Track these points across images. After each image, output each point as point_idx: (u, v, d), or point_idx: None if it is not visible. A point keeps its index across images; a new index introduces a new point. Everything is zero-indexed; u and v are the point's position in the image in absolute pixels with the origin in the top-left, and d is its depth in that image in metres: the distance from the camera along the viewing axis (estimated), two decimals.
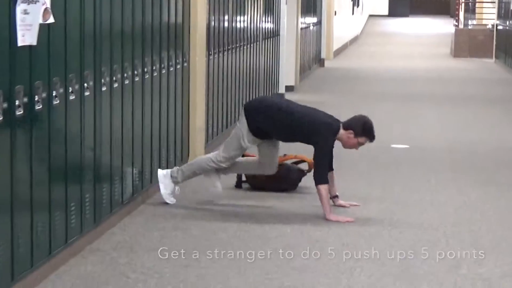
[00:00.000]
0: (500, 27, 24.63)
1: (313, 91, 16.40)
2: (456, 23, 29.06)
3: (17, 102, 4.65)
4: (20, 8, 4.60)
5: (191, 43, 8.31)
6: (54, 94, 5.15)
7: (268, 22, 13.28)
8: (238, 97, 11.01)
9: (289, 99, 7.12)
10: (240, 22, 11.00)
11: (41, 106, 4.94)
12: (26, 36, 4.67)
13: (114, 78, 6.18)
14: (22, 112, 4.71)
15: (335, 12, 24.14)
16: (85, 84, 5.64)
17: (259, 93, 12.70)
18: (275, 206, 7.06)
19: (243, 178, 7.72)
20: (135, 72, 6.65)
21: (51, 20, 4.91)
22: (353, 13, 30.81)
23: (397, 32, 37.53)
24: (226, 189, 7.64)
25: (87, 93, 5.67)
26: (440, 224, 6.61)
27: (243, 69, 11.34)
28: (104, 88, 5.99)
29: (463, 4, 29.74)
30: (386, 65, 22.96)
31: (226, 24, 10.09)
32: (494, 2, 27.16)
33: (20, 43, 4.62)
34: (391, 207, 7.14)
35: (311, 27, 19.70)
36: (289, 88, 15.53)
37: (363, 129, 6.83)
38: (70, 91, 5.39)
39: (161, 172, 6.98)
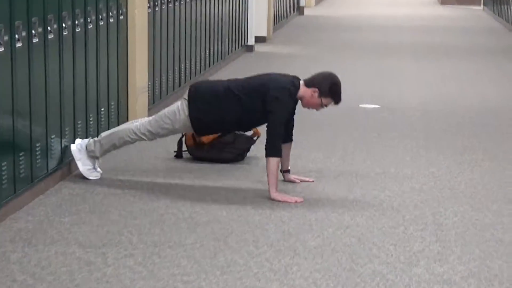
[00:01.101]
0: None
1: (286, 42, 15.44)
2: None
3: None
4: None
5: None
6: None
7: None
8: (195, 52, 10.06)
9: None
10: None
11: None
12: None
13: (16, 37, 5.23)
14: None
15: None
16: None
17: (223, 46, 11.75)
18: (215, 182, 6.16)
19: (184, 148, 6.83)
20: (49, 29, 5.68)
21: None
22: None
23: None
24: (164, 159, 6.78)
25: None
26: (401, 205, 5.72)
27: (202, 20, 10.37)
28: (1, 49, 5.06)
29: None
30: (369, 13, 21.97)
31: None
32: None
33: None
34: (349, 183, 6.25)
35: None
36: (260, 39, 14.56)
37: (330, 88, 5.87)
38: None
39: (74, 147, 6.03)
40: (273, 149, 5.75)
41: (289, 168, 6.24)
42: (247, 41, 13.64)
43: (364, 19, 20.12)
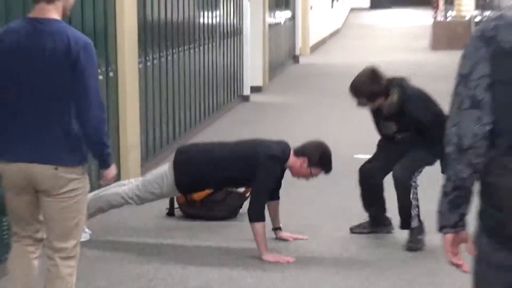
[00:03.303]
0: (478, 18, 23.63)
1: (282, 91, 15.38)
2: (435, 14, 28.13)
3: None
4: None
5: (118, 49, 7.27)
6: None
7: (228, 19, 12.23)
8: (190, 104, 9.99)
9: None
10: (194, 19, 9.97)
11: None
12: None
13: None
14: None
15: (311, 6, 23.08)
16: None
17: (218, 97, 11.69)
18: (207, 241, 6.04)
19: (176, 205, 6.72)
20: None
21: None
22: (332, 7, 29.76)
23: (378, 25, 36.50)
24: (156, 217, 6.66)
25: None
26: (396, 265, 5.60)
27: (196, 71, 10.31)
28: None
29: None
30: (363, 59, 21.89)
31: (178, 20, 9.07)
32: None
33: None
34: (344, 240, 6.13)
35: (284, 23, 18.69)
36: (256, 89, 14.50)
37: (319, 158, 5.76)
38: None
39: None
40: (256, 214, 5.62)
41: (280, 225, 6.13)
42: (242, 91, 13.58)
43: (357, 65, 19.99)
